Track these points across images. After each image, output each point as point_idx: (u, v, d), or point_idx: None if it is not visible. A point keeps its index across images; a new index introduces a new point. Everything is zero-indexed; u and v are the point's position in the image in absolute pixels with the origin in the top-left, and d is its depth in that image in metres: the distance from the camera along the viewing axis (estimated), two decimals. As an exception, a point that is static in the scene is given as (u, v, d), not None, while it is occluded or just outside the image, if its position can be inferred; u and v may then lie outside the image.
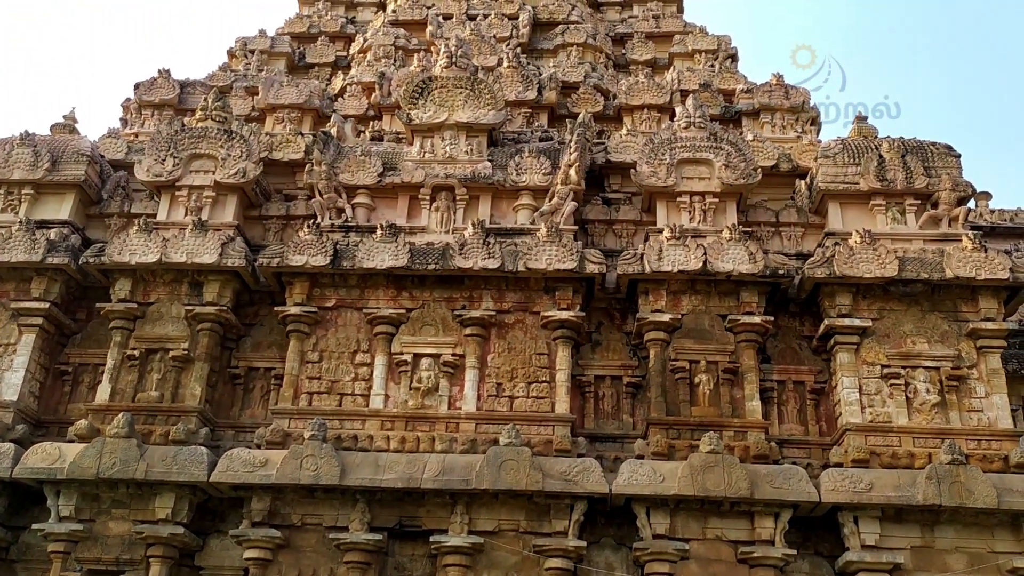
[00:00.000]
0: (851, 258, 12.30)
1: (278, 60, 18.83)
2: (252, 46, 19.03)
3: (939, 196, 13.02)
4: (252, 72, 18.35)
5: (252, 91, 17.56)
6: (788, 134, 15.79)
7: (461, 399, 12.41)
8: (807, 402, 12.71)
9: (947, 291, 12.37)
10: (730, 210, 13.48)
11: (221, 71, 18.54)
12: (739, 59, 18.01)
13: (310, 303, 12.98)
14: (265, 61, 18.75)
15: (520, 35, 18.39)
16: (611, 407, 12.89)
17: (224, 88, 17.53)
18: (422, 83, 14.45)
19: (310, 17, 20.04)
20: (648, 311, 12.64)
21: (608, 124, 16.52)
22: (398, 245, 12.83)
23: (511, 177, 13.70)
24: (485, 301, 12.85)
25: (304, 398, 12.54)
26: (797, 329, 13.05)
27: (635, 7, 19.84)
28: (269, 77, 17.61)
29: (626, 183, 14.50)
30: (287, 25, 19.83)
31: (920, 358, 12.15)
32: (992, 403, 11.93)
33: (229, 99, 16.58)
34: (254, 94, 17.42)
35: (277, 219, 14.52)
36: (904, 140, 13.56)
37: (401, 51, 18.34)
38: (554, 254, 12.57)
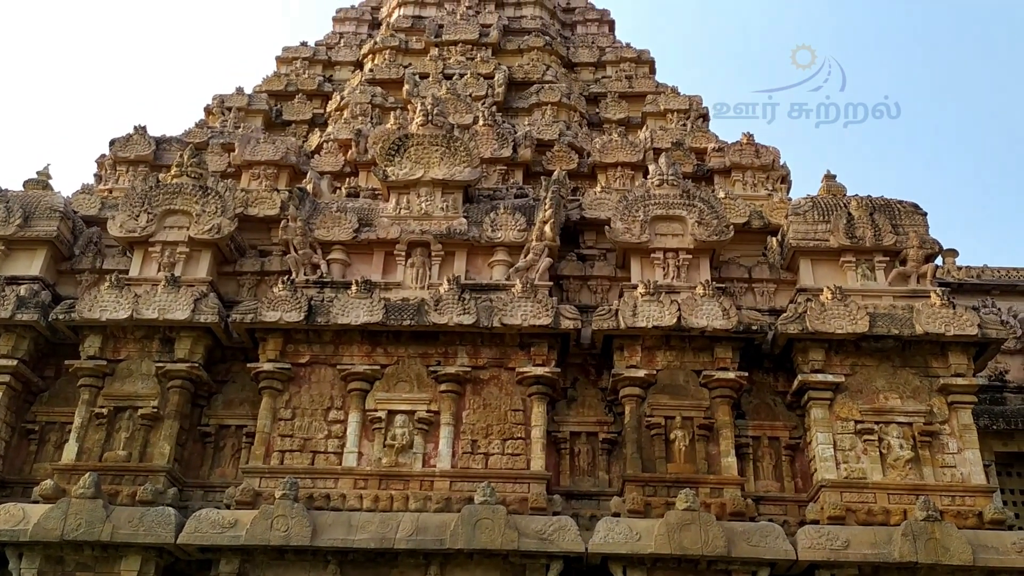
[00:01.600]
0: (823, 314, 12.42)
1: (255, 117, 18.97)
2: (229, 103, 19.18)
3: (907, 253, 13.25)
4: (229, 129, 18.46)
5: (228, 148, 17.63)
6: (759, 192, 16.07)
7: (436, 456, 12.28)
8: (782, 458, 12.70)
9: (918, 347, 12.50)
10: (703, 266, 13.62)
11: (198, 128, 18.63)
12: (710, 118, 18.42)
13: (283, 359, 12.86)
14: (242, 118, 18.88)
15: (495, 94, 18.69)
16: (587, 464, 12.80)
17: (200, 145, 17.60)
18: (398, 140, 14.59)
19: (288, 75, 20.27)
20: (623, 367, 12.65)
21: (582, 181, 16.73)
22: (373, 301, 12.80)
23: (486, 233, 13.78)
24: (460, 357, 12.80)
25: (276, 456, 12.35)
26: (771, 385, 13.10)
27: (608, 68, 20.27)
28: (246, 134, 17.71)
29: (600, 239, 14.64)
30: (265, 83, 20.03)
31: (893, 414, 12.22)
32: (965, 459, 11.98)
33: (205, 155, 16.64)
34: (230, 151, 17.49)
35: (251, 275, 14.47)
36: (872, 198, 13.83)
37: (378, 109, 18.55)
38: (529, 310, 12.59)
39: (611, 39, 21.42)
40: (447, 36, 20.30)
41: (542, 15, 21.45)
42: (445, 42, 20.25)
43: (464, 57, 19.88)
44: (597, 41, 21.21)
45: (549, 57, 20.12)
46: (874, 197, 13.86)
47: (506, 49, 20.34)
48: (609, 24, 22.03)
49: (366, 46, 20.74)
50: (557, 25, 21.81)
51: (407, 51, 20.34)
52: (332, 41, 21.65)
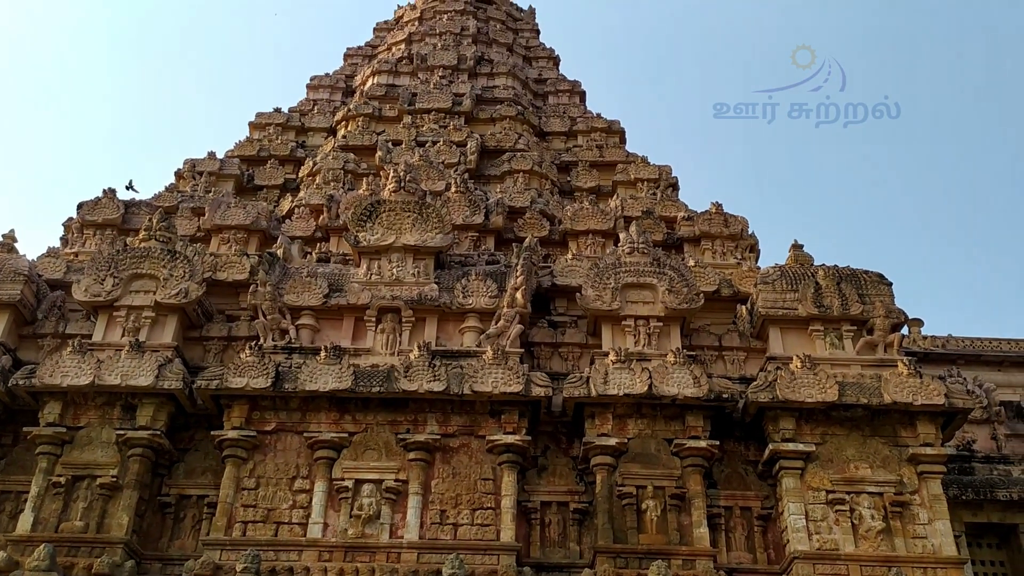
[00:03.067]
0: (793, 383, 12.46)
1: (226, 182, 18.96)
2: (200, 167, 19.17)
3: (874, 322, 13.39)
4: (199, 193, 18.42)
5: (199, 212, 17.55)
6: (728, 260, 16.24)
7: (403, 527, 12.01)
8: (754, 528, 12.57)
9: (886, 416, 12.55)
10: (674, 334, 13.66)
11: (168, 191, 18.57)
12: (679, 187, 18.70)
13: (249, 427, 12.61)
14: (213, 182, 18.86)
15: (468, 161, 18.87)
16: (557, 534, 12.58)
17: (170, 208, 17.52)
18: (371, 206, 14.62)
19: (260, 140, 20.36)
20: (594, 435, 12.55)
21: (554, 248, 16.82)
22: (342, 367, 12.65)
23: (458, 300, 13.75)
24: (430, 424, 12.64)
25: (238, 527, 12.00)
26: (742, 454, 13.05)
27: (579, 137, 20.61)
28: (216, 198, 17.67)
29: (572, 306, 14.65)
30: (237, 148, 20.09)
31: (864, 484, 12.19)
32: (936, 529, 11.94)
33: (175, 219, 16.57)
34: (200, 215, 17.41)
35: (218, 340, 14.27)
36: (838, 268, 14.03)
37: (350, 175, 18.64)
38: (500, 377, 12.50)
39: (582, 109, 21.84)
40: (420, 104, 20.57)
41: (514, 85, 21.84)
42: (418, 110, 20.51)
43: (437, 125, 20.11)
44: (568, 111, 21.60)
45: (521, 126, 20.42)
46: (840, 267, 14.06)
47: (479, 118, 20.63)
48: (580, 95, 22.48)
49: (339, 113, 20.94)
50: (529, 95, 22.20)
51: (380, 118, 20.56)
52: (305, 107, 21.85)
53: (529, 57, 23.90)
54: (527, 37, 24.69)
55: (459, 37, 23.10)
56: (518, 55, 23.54)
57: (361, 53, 23.99)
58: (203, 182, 18.75)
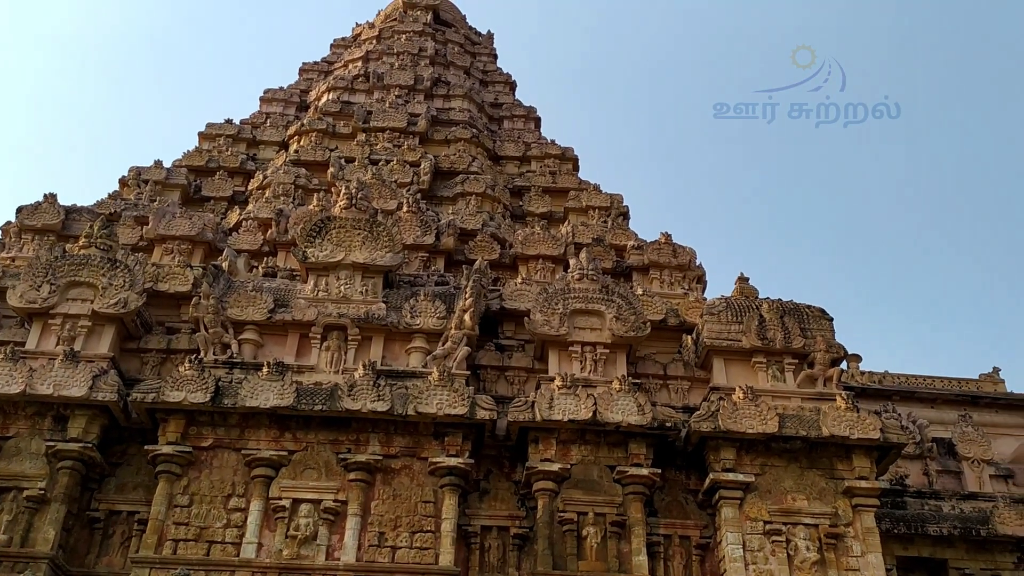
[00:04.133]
0: (735, 413, 12.60)
1: (172, 191, 18.62)
2: (146, 176, 18.81)
3: (815, 356, 13.63)
4: (144, 202, 18.06)
5: (142, 220, 17.19)
6: (676, 290, 16.41)
7: (340, 549, 11.80)
8: (693, 557, 12.63)
9: (824, 449, 12.75)
10: (620, 361, 13.73)
11: (111, 199, 18.17)
12: (630, 216, 18.89)
13: (185, 442, 12.31)
14: (159, 191, 18.51)
15: (421, 181, 18.83)
16: (497, 559, 12.49)
17: (112, 216, 17.14)
18: (321, 222, 14.48)
19: (210, 151, 20.06)
20: (538, 460, 12.52)
21: (504, 272, 16.83)
22: (284, 384, 12.44)
23: (405, 320, 13.65)
24: (372, 445, 12.48)
25: (169, 545, 11.67)
26: (683, 483, 13.13)
27: (533, 162, 20.72)
28: (161, 207, 17.33)
29: (520, 330, 14.65)
30: (185, 157, 19.76)
31: (800, 515, 12.35)
32: (868, 562, 12.13)
33: (117, 227, 16.21)
34: (144, 224, 17.04)
35: (157, 352, 13.93)
36: (782, 302, 14.27)
37: (301, 190, 18.45)
38: (445, 399, 12.42)
39: (537, 135, 21.98)
40: (375, 123, 20.49)
41: (470, 108, 21.91)
42: (373, 128, 20.43)
43: (391, 144, 20.05)
44: (523, 136, 21.73)
45: (476, 149, 20.46)
46: (784, 301, 14.30)
47: (433, 139, 20.63)
48: (535, 121, 22.63)
49: (292, 127, 20.76)
50: (485, 119, 22.29)
51: (334, 135, 20.42)
52: (258, 120, 21.61)
53: (486, 81, 24.03)
54: (485, 61, 24.83)
55: (417, 58, 23.12)
56: (475, 78, 23.64)
57: (317, 69, 23.85)
58: (148, 190, 18.39)
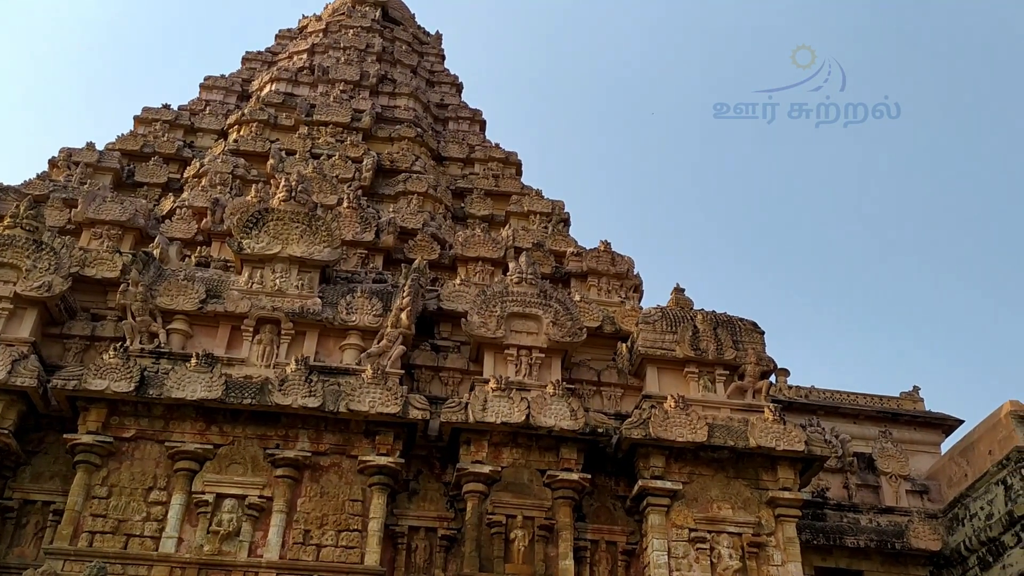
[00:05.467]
0: (666, 422, 12.75)
1: (104, 175, 18.09)
2: (77, 158, 18.24)
3: (745, 369, 13.89)
4: (74, 184, 17.50)
5: (71, 203, 16.66)
6: (613, 298, 16.56)
7: (264, 546, 11.56)
8: (619, 563, 12.73)
9: (750, 459, 12.99)
10: (555, 366, 13.79)
11: (39, 179, 17.57)
12: (571, 223, 18.99)
13: (106, 432, 11.93)
14: (90, 174, 17.96)
15: (363, 178, 18.65)
16: (423, 560, 12.40)
17: (40, 197, 16.58)
18: (258, 214, 14.21)
19: (145, 136, 19.56)
20: (469, 462, 12.48)
21: (442, 272, 16.77)
22: (213, 376, 12.16)
23: (341, 316, 13.48)
24: (301, 441, 12.28)
25: (85, 537, 11.29)
26: (612, 489, 13.23)
27: (476, 165, 20.69)
28: (92, 191, 16.83)
29: (456, 331, 14.60)
30: (119, 141, 19.23)
31: (725, 524, 12.55)
32: (788, 571, 12.39)
33: (45, 209, 15.69)
34: (73, 207, 16.52)
35: (80, 339, 13.51)
36: (716, 314, 14.51)
37: (239, 180, 18.09)
38: (378, 397, 12.29)
39: (481, 138, 21.98)
40: (318, 116, 20.23)
41: (415, 107, 21.80)
42: (316, 122, 20.16)
43: (334, 139, 19.82)
44: (468, 139, 21.70)
45: (419, 148, 20.36)
46: (718, 313, 14.54)
47: (377, 136, 20.45)
48: (480, 124, 22.63)
49: (233, 116, 20.36)
50: (430, 119, 22.20)
51: (275, 126, 20.09)
52: (197, 107, 21.15)
53: (433, 81, 23.95)
54: (432, 61, 24.75)
55: (363, 53, 22.92)
56: (422, 78, 23.55)
57: (260, 59, 23.46)
58: (79, 173, 17.82)
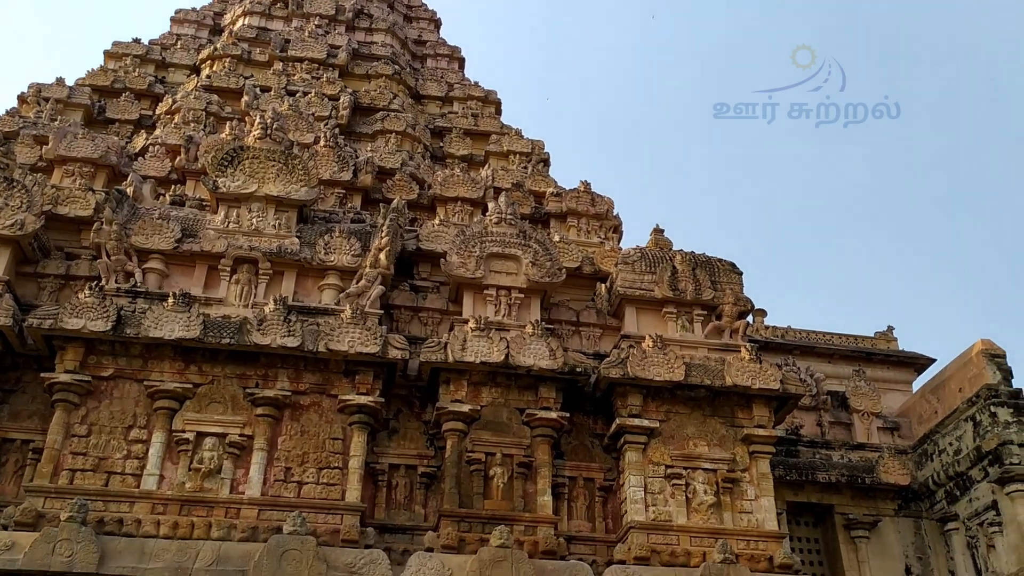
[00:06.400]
0: (643, 361, 12.88)
1: (75, 111, 17.71)
2: (47, 94, 17.82)
3: (723, 309, 14.01)
4: (44, 121, 17.12)
5: (42, 140, 16.32)
6: (592, 239, 16.55)
7: (245, 483, 11.66)
8: (596, 499, 12.97)
9: (726, 398, 13.19)
10: (534, 306, 13.84)
11: (8, 116, 17.17)
12: (551, 163, 18.90)
13: (83, 371, 11.88)
14: (60, 111, 17.57)
15: (340, 116, 18.37)
16: (404, 497, 12.57)
17: (10, 134, 16.23)
18: (233, 151, 13.99)
19: (116, 71, 19.11)
20: (448, 401, 12.58)
21: (421, 213, 16.67)
22: (191, 316, 12.10)
23: (319, 256, 13.40)
24: (281, 381, 12.30)
25: (65, 475, 11.32)
26: (590, 427, 13.41)
27: (455, 104, 20.43)
28: (63, 127, 16.47)
29: (435, 272, 14.58)
30: (89, 76, 18.78)
31: (700, 460, 12.79)
32: (761, 505, 12.69)
33: (15, 146, 15.37)
34: (44, 143, 16.19)
35: (55, 278, 13.37)
36: (695, 254, 14.57)
37: (212, 117, 17.77)
38: (357, 337, 12.30)
39: (460, 76, 21.66)
40: (293, 52, 19.83)
41: (393, 44, 21.40)
42: (291, 58, 19.76)
43: (309, 76, 19.46)
44: (446, 76, 21.38)
45: (397, 86, 20.05)
46: (697, 253, 14.60)
47: (354, 73, 20.10)
48: (459, 61, 22.27)
49: (205, 51, 19.90)
50: (407, 56, 21.81)
51: (249, 62, 19.68)
52: (168, 41, 20.65)
53: (410, 17, 23.47)
54: (409, -4, 24.22)
55: (339, -13, 22.37)
56: (399, 13, 23.07)
57: (233, -9, 22.84)
58: (49, 109, 17.42)
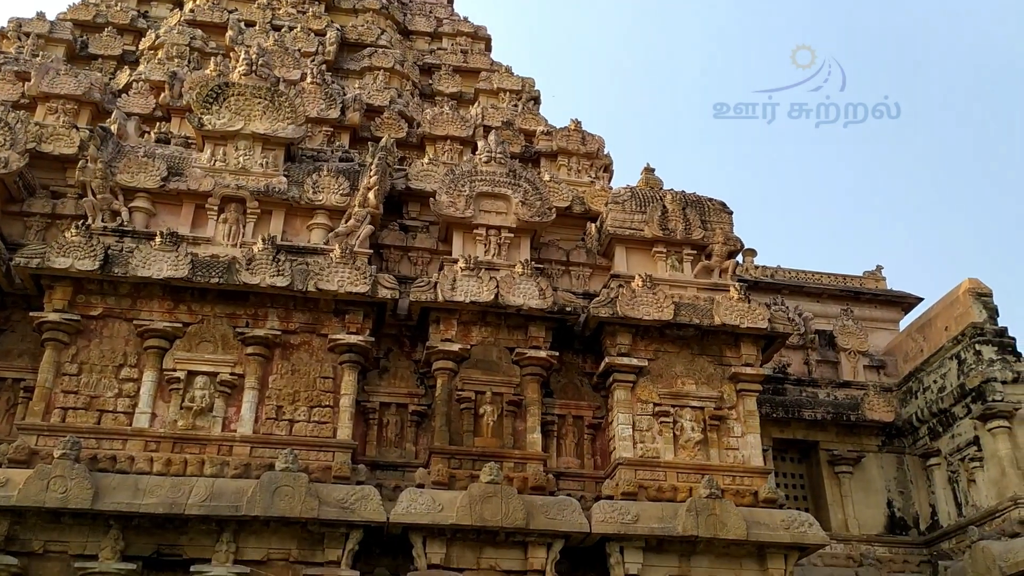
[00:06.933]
0: (633, 300, 12.93)
1: (57, 47, 17.37)
2: (28, 28, 17.45)
3: (713, 248, 14.01)
4: (26, 56, 16.79)
5: (24, 76, 16.03)
6: (583, 178, 16.46)
7: (237, 421, 11.76)
8: (585, 436, 13.14)
9: (715, 336, 13.27)
10: (524, 246, 13.81)
11: (-12, 50, 16.83)
12: (541, 102, 18.68)
13: (72, 310, 11.87)
14: (42, 46, 17.24)
15: (326, 52, 18.07)
16: (395, 435, 12.71)
17: (-10, 69, 15.90)
18: (218, 88, 13.77)
19: (97, 5, 18.69)
20: (438, 340, 12.63)
21: (410, 151, 16.52)
22: (179, 255, 12.05)
23: (307, 195, 13.30)
24: (271, 320, 12.31)
25: (57, 414, 11.40)
26: (580, 366, 13.50)
27: (444, 40, 20.10)
28: (45, 64, 16.16)
29: (424, 211, 14.51)
30: (71, 11, 18.39)
31: (688, 398, 12.93)
32: (747, 442, 12.88)
33: (-5, 81, 15.06)
34: (26, 80, 15.91)
35: (41, 217, 13.26)
36: (685, 194, 14.51)
37: (197, 53, 17.46)
38: (347, 276, 12.29)
39: (449, 11, 21.27)
40: (279, -15, 19.38)
41: (380, -23, 20.93)
42: (276, -9, 19.33)
43: (295, 10, 19.08)
44: (435, 12, 20.99)
45: (385, 21, 19.68)
46: (687, 193, 14.54)
47: (340, 7, 19.70)
48: (448, -5, 21.85)
49: (189, -15, 19.44)
50: (395, -10, 21.36)
51: (234, -5, 19.26)
52: (151, -26, 20.14)
53: (398, -50, 22.91)
54: (397, -72, 23.60)
55: (325, -82, 21.78)
56: (387, -54, 22.50)
57: (216, -77, 22.21)
58: (30, 44, 17.08)
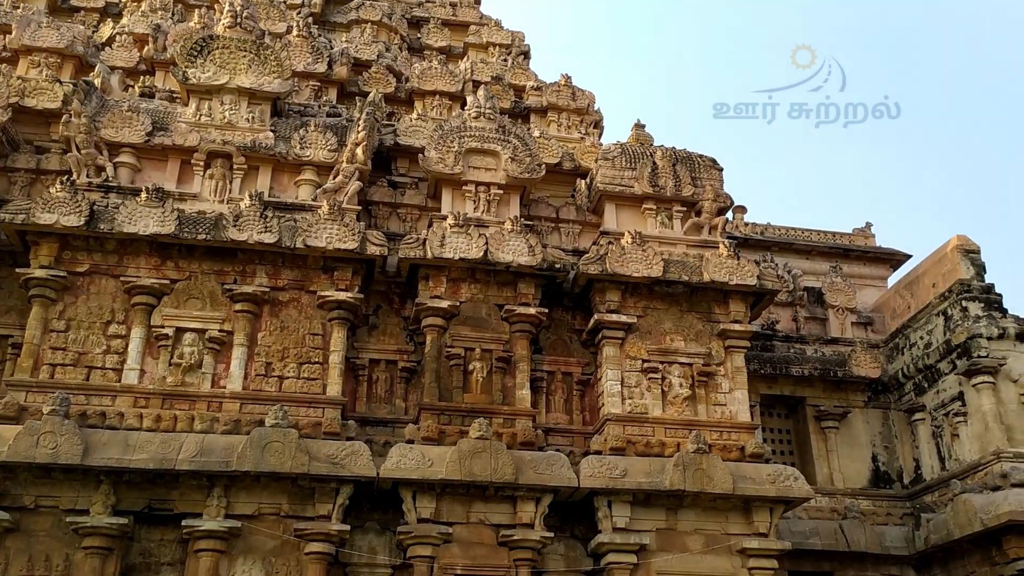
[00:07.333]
0: (622, 257, 12.92)
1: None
2: (7, -21, 17.04)
3: (703, 205, 13.98)
4: (6, 8, 16.45)
5: (5, 29, 15.74)
6: (572, 134, 16.34)
7: (226, 377, 11.78)
8: (574, 392, 13.22)
9: (704, 293, 13.31)
10: (513, 202, 13.75)
11: (-33, 2, 16.48)
12: (531, 56, 18.45)
13: (59, 267, 11.81)
14: (22, -2, 16.88)
15: (312, 4, 17.80)
16: (384, 391, 12.76)
17: (-30, 21, 15.60)
18: (202, 41, 13.55)
19: (79, -45, 18.26)
20: (427, 297, 12.63)
21: (399, 107, 16.35)
22: (165, 211, 11.96)
23: (295, 150, 13.17)
24: (259, 276, 12.28)
25: (46, 370, 11.39)
26: (569, 322, 13.54)
27: (433, -8, 19.76)
28: (26, 16, 15.84)
29: (413, 167, 14.41)
30: (51, -39, 17.94)
31: (676, 354, 13.00)
32: (735, 398, 12.99)
33: (-25, 34, 14.79)
34: (7, 33, 15.62)
35: (25, 172, 13.12)
36: (675, 150, 14.43)
37: (181, 5, 17.19)
38: (335, 233, 12.23)
39: (438, -38, 20.85)
40: (264, -64, 18.97)
41: (368, -72, 20.50)
42: (261, -58, 18.92)
43: (281, -39, 18.69)
44: (423, -37, 20.59)
45: (372, -27, 19.32)
46: (678, 149, 14.46)
47: (327, -41, 19.31)
48: (437, -54, 21.40)
49: (172, -65, 19.01)
50: (383, -59, 20.94)
51: (219, -54, 18.85)
52: (133, -76, 19.68)
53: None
54: None
55: None
56: None
57: None
58: (10, -4, 16.74)
